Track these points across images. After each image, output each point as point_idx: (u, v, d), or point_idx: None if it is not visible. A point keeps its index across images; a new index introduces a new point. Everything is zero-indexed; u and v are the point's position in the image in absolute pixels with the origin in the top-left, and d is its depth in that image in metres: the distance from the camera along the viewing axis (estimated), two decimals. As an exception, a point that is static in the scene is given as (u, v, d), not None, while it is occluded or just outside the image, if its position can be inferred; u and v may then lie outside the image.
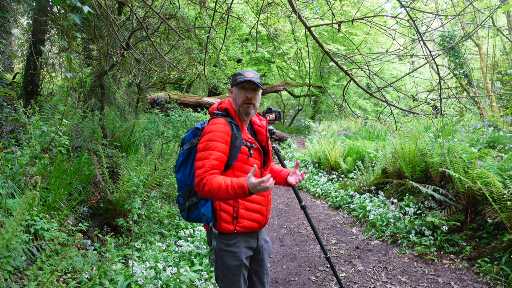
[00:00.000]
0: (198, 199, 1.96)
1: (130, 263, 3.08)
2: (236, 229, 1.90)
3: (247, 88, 1.92)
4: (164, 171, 4.94)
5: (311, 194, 7.25)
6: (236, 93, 1.94)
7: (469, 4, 4.69)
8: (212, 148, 1.81)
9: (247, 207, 1.93)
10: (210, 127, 1.87)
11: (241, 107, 1.93)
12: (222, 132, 1.84)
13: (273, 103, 22.79)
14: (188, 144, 1.97)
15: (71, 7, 2.39)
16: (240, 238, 1.92)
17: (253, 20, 8.65)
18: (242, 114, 1.95)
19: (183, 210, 2.02)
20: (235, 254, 1.90)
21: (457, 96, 7.82)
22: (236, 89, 1.94)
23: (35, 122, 3.19)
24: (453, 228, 3.96)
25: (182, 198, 2.02)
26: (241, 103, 1.92)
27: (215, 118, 1.93)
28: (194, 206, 1.98)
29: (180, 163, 2.00)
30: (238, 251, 1.91)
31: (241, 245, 1.92)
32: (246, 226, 1.92)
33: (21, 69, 8.36)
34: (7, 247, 2.11)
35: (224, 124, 1.88)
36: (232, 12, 7.11)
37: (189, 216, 2.01)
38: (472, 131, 5.88)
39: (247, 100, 1.91)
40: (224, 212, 1.90)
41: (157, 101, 9.81)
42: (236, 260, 1.90)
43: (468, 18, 6.86)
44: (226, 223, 1.89)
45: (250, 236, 1.98)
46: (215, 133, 1.84)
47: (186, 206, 1.99)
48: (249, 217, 1.93)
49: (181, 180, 2.00)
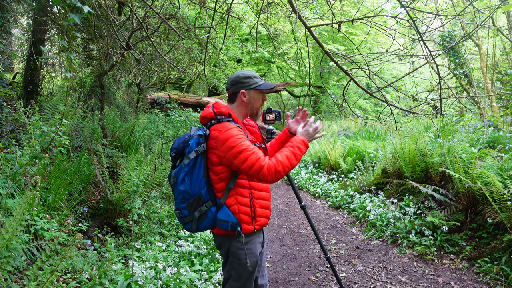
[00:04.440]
0: (208, 207, 1.87)
1: (130, 263, 3.08)
2: (255, 228, 1.94)
3: (264, 92, 2.07)
4: (164, 171, 4.94)
5: (311, 194, 7.25)
6: (255, 97, 2.03)
7: (469, 4, 4.69)
8: (245, 143, 1.81)
9: (261, 205, 1.97)
10: (230, 131, 1.83)
11: (258, 109, 2.06)
12: (241, 131, 1.89)
13: (273, 103, 22.74)
14: (194, 153, 1.88)
15: (71, 7, 2.39)
16: (255, 235, 1.97)
17: (253, 20, 8.65)
18: (253, 116, 2.07)
19: (190, 222, 1.92)
20: (252, 251, 1.94)
21: (457, 96, 7.82)
22: (255, 93, 2.03)
23: (35, 122, 3.19)
24: (453, 228, 3.96)
25: (188, 210, 1.90)
26: (259, 106, 2.06)
27: (224, 123, 1.89)
28: (204, 215, 1.89)
29: (185, 173, 1.88)
30: (253, 247, 1.96)
31: (255, 241, 1.97)
32: (262, 223, 1.98)
33: (21, 69, 8.36)
34: (7, 247, 2.11)
35: (236, 127, 1.88)
36: (232, 12, 7.11)
37: (199, 226, 1.91)
38: (472, 131, 5.88)
39: (263, 103, 2.08)
40: (244, 214, 1.90)
41: (157, 101, 9.82)
42: (253, 256, 1.94)
43: (468, 18, 6.86)
44: (247, 224, 1.91)
45: (261, 231, 2.05)
46: (237, 132, 1.84)
47: (196, 216, 1.89)
48: (263, 215, 1.99)
49: (186, 191, 1.88)
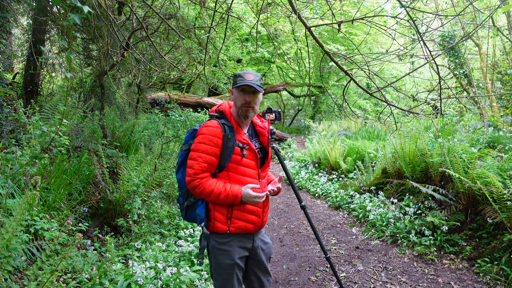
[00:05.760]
0: (195, 199, 2.00)
1: (130, 263, 3.08)
2: (229, 229, 1.91)
3: (247, 91, 1.91)
4: (164, 171, 4.94)
5: (311, 194, 7.25)
6: (236, 95, 1.95)
7: (469, 4, 4.69)
8: (201, 150, 1.88)
9: (242, 208, 1.93)
10: (202, 129, 1.93)
11: (240, 109, 1.94)
12: (212, 135, 1.89)
13: (273, 103, 22.79)
14: (187, 145, 2.02)
15: (71, 7, 2.39)
16: (233, 238, 1.94)
17: (253, 20, 8.65)
18: (241, 116, 1.96)
19: (182, 210, 2.07)
20: (228, 253, 1.92)
21: (457, 96, 7.82)
22: (236, 91, 1.94)
23: (35, 122, 3.19)
24: (453, 228, 3.96)
25: (182, 198, 2.06)
26: (240, 105, 1.94)
27: (209, 121, 1.98)
28: (192, 206, 2.02)
29: (180, 163, 2.05)
30: (231, 250, 1.93)
31: (234, 245, 1.94)
32: (240, 226, 1.93)
33: (21, 69, 8.36)
34: (7, 247, 2.12)
35: (215, 126, 1.91)
36: (232, 12, 7.11)
37: (188, 216, 2.06)
38: (472, 131, 5.88)
39: (246, 103, 1.92)
40: (219, 212, 1.93)
41: (157, 101, 9.82)
42: (228, 259, 1.92)
43: (468, 18, 6.86)
44: (220, 223, 1.92)
45: (245, 236, 1.98)
46: (205, 136, 1.89)
47: (185, 206, 2.04)
48: (243, 218, 1.93)
49: (181, 180, 2.04)
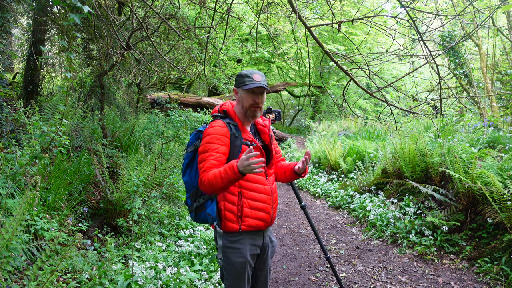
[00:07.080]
0: (204, 199, 1.98)
1: (130, 263, 3.08)
2: (241, 227, 1.92)
3: (256, 93, 1.92)
4: (164, 171, 4.94)
5: (311, 194, 7.25)
6: (244, 96, 1.94)
7: (469, 4, 4.69)
8: (211, 150, 1.86)
9: (251, 205, 1.94)
10: (209, 130, 1.92)
11: (249, 110, 1.94)
12: (219, 134, 1.89)
13: (273, 103, 22.77)
14: (192, 147, 2.02)
15: (71, 7, 2.39)
16: (245, 236, 1.94)
17: (253, 20, 8.65)
18: (249, 117, 1.96)
19: (192, 212, 2.05)
20: (240, 251, 1.92)
21: (457, 96, 7.82)
22: (243, 92, 1.93)
23: (35, 122, 3.19)
24: (453, 228, 3.96)
25: (190, 200, 2.05)
26: (249, 106, 1.93)
27: (214, 121, 1.98)
28: (201, 207, 2.00)
29: (186, 165, 2.04)
30: (243, 248, 1.93)
31: (246, 242, 1.94)
32: (251, 224, 1.94)
33: (21, 69, 8.36)
34: (7, 247, 2.11)
35: (221, 126, 1.92)
36: (232, 12, 7.11)
37: (198, 217, 2.04)
38: (472, 131, 5.88)
39: (255, 104, 1.93)
40: (229, 212, 1.92)
41: (157, 101, 9.82)
42: (240, 257, 1.92)
43: (468, 18, 6.86)
44: (231, 222, 1.92)
45: (256, 234, 2.00)
46: (213, 136, 1.89)
47: (194, 207, 2.02)
48: (254, 216, 1.94)
49: (188, 182, 2.04)
